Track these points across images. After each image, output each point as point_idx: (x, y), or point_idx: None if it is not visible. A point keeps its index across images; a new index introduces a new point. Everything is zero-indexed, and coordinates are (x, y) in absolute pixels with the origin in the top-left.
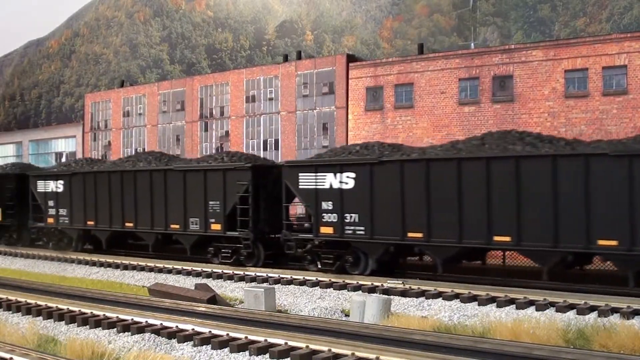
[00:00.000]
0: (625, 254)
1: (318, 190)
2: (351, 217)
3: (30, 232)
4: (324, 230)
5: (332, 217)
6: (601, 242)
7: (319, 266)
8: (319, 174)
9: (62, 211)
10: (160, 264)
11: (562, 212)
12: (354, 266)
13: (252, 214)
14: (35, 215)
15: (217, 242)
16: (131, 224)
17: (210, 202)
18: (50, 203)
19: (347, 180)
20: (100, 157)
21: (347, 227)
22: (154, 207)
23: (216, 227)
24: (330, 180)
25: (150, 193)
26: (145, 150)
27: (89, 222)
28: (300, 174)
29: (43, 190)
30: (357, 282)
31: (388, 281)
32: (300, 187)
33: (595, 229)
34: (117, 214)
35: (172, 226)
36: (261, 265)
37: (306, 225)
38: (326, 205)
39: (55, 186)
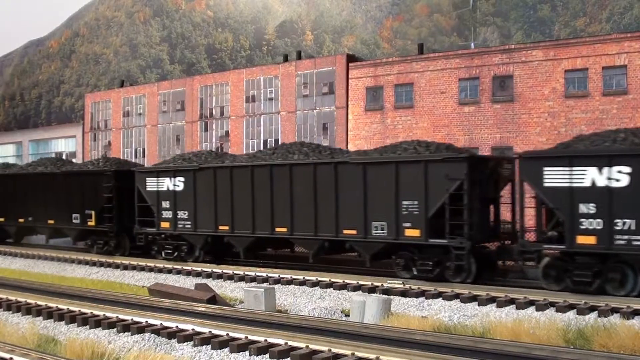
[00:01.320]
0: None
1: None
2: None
3: (135, 239)
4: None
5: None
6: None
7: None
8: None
9: (182, 214)
10: (160, 264)
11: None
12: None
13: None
14: (143, 219)
15: (411, 251)
16: (284, 229)
17: (404, 202)
18: (165, 204)
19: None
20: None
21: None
22: (319, 207)
23: (413, 233)
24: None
25: (313, 190)
26: (145, 150)
27: (221, 227)
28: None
29: (155, 189)
30: (357, 282)
31: (388, 281)
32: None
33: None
34: (264, 216)
35: (346, 232)
36: (471, 281)
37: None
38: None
39: (173, 184)
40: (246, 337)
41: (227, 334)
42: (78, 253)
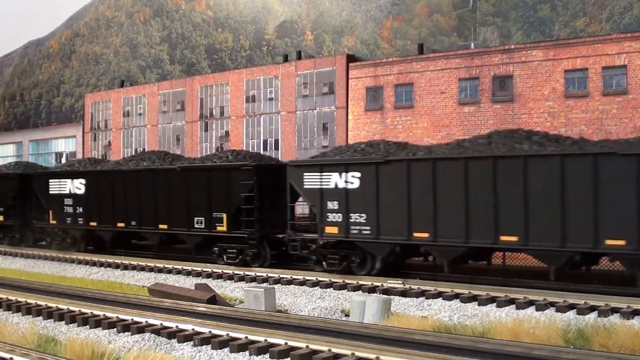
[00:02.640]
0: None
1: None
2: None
3: (281, 247)
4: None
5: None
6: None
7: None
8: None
9: (358, 217)
10: (160, 264)
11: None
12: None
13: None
14: (294, 223)
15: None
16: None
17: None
18: (332, 205)
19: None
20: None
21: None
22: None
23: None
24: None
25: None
26: (146, 150)
27: (416, 234)
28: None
29: (317, 187)
30: (357, 282)
31: (388, 281)
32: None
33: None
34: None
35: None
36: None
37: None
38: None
39: (345, 180)
40: (246, 337)
41: (227, 334)
42: (78, 253)
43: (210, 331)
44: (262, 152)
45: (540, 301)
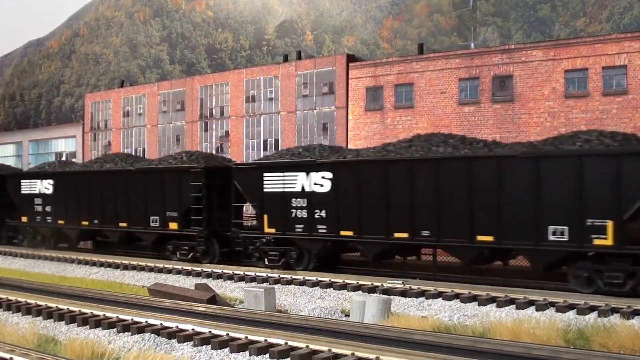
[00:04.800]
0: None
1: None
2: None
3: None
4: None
5: None
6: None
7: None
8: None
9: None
10: (160, 264)
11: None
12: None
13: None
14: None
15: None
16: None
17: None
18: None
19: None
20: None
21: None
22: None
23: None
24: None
25: None
26: (146, 150)
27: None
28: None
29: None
30: (357, 282)
31: (388, 281)
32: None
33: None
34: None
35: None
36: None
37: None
38: None
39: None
40: (246, 337)
41: (227, 334)
42: (78, 253)
43: (210, 331)
44: (262, 152)
45: (540, 301)
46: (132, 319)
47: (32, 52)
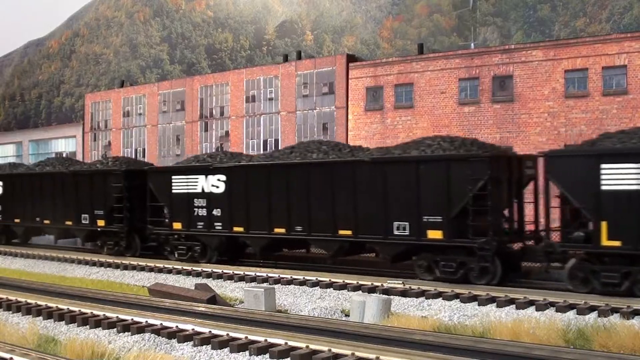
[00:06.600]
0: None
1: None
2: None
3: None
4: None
5: None
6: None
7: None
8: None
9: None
10: (160, 264)
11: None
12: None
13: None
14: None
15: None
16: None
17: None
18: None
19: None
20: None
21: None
22: None
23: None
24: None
25: None
26: (146, 150)
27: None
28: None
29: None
30: (357, 282)
31: (388, 281)
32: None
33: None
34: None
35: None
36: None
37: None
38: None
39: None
40: (246, 337)
41: (227, 334)
42: (78, 253)
43: (210, 331)
44: (262, 152)
45: (540, 301)
46: (132, 319)
47: (32, 52)
